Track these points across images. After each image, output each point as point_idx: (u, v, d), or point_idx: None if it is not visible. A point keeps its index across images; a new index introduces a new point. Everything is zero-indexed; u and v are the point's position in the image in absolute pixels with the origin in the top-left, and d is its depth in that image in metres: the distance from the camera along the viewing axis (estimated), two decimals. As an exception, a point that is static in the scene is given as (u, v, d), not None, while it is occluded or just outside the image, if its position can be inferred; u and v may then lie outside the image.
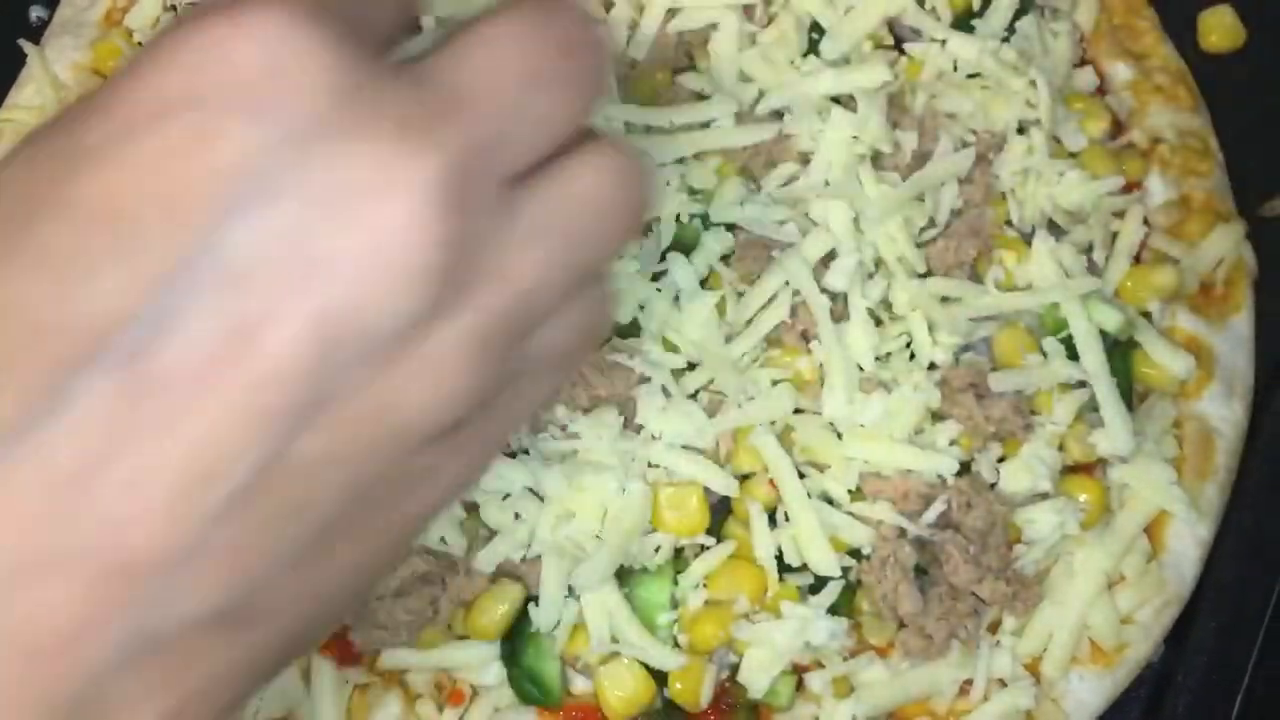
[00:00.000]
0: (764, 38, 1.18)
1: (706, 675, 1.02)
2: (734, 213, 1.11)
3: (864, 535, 1.04)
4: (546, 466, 1.01)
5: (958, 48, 1.19)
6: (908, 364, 1.09)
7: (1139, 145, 1.27)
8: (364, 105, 0.47)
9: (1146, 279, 1.17)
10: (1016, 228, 1.17)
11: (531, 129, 0.52)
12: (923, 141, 1.14)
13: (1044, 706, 1.08)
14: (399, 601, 0.99)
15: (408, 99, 0.48)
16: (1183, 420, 1.17)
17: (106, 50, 1.17)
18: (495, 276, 0.50)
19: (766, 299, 1.07)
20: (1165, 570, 1.13)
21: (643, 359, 1.05)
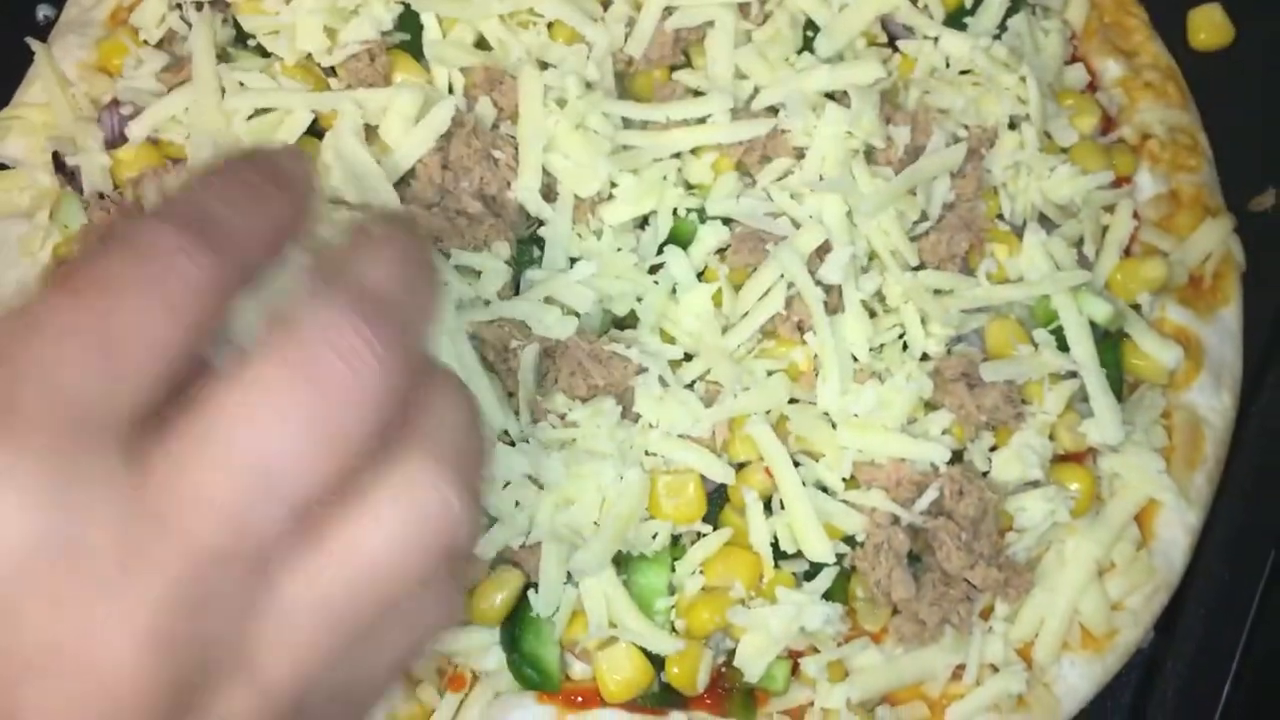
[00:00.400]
0: (759, 35, 1.20)
1: (703, 660, 1.04)
2: (730, 206, 1.13)
3: (858, 522, 1.06)
4: (546, 455, 1.02)
5: (950, 45, 1.21)
6: (901, 355, 1.11)
7: (1129, 141, 1.29)
8: (64, 558, 0.44)
9: (1136, 272, 1.19)
10: (1008, 221, 1.19)
11: (287, 490, 0.47)
12: (915, 137, 1.16)
13: (1035, 691, 1.10)
14: (401, 587, 1.00)
15: (117, 533, 0.45)
16: (1172, 410, 1.19)
17: (112, 48, 1.19)
18: (243, 678, 0.47)
19: (762, 291, 1.09)
20: (1155, 558, 1.14)
21: (640, 349, 1.06)
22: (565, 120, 1.12)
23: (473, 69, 1.16)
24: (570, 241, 1.11)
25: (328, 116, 1.11)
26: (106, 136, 1.14)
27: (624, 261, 1.11)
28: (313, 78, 1.15)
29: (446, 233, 1.06)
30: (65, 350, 0.47)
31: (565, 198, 1.11)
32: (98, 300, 0.48)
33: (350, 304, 0.49)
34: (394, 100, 1.10)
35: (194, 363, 0.50)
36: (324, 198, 0.59)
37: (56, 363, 0.47)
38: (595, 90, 1.14)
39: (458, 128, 1.11)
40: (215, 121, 1.10)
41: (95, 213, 1.10)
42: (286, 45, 1.14)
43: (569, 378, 1.04)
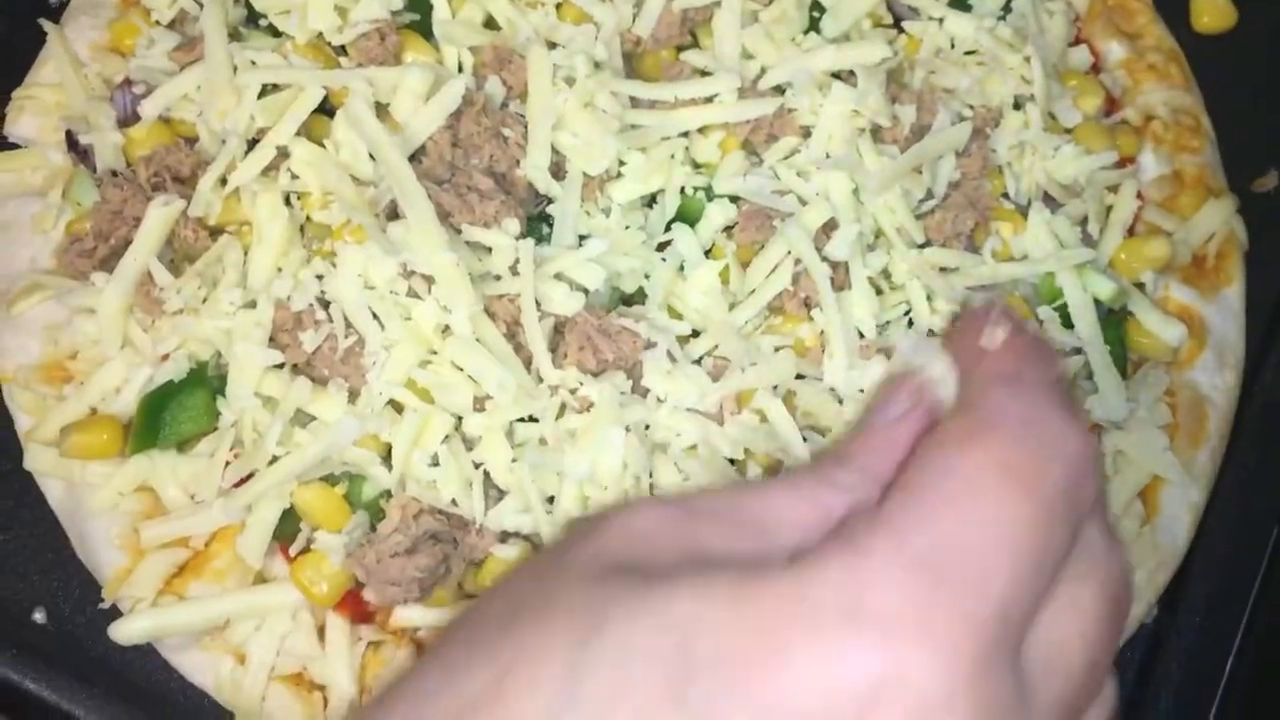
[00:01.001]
0: (766, 15, 1.21)
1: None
2: (737, 185, 1.14)
3: (864, 497, 1.06)
4: (555, 427, 1.03)
5: (955, 25, 1.22)
6: (906, 331, 1.12)
7: (1132, 122, 1.30)
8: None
9: (1140, 250, 1.20)
10: (1013, 200, 1.19)
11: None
12: (921, 116, 1.17)
13: (1040, 665, 1.10)
14: (411, 559, 1.01)
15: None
16: (1175, 389, 1.20)
17: (124, 29, 1.20)
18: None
19: (770, 268, 1.10)
20: (1158, 534, 1.15)
21: (649, 325, 1.07)
22: (574, 99, 1.13)
23: (482, 48, 1.17)
24: (579, 219, 1.12)
25: (338, 95, 1.12)
26: (119, 115, 1.15)
27: (632, 239, 1.12)
28: (323, 57, 1.16)
29: (457, 209, 1.07)
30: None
31: (574, 176, 1.11)
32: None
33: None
34: (404, 78, 1.11)
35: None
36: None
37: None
38: (603, 69, 1.15)
39: (467, 106, 1.12)
40: (227, 99, 1.10)
41: (109, 190, 1.11)
42: (298, 24, 1.15)
43: (578, 352, 1.05)
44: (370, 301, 1.05)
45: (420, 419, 1.03)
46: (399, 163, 1.06)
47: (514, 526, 1.04)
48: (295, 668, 1.06)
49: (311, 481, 1.04)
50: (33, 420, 1.10)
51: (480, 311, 1.04)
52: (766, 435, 1.06)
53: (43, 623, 1.10)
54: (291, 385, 1.04)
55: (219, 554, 1.07)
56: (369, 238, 1.05)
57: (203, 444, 1.07)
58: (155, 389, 1.07)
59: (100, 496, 1.06)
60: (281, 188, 1.10)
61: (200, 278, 1.08)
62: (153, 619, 1.03)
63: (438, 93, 1.11)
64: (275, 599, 1.05)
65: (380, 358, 1.04)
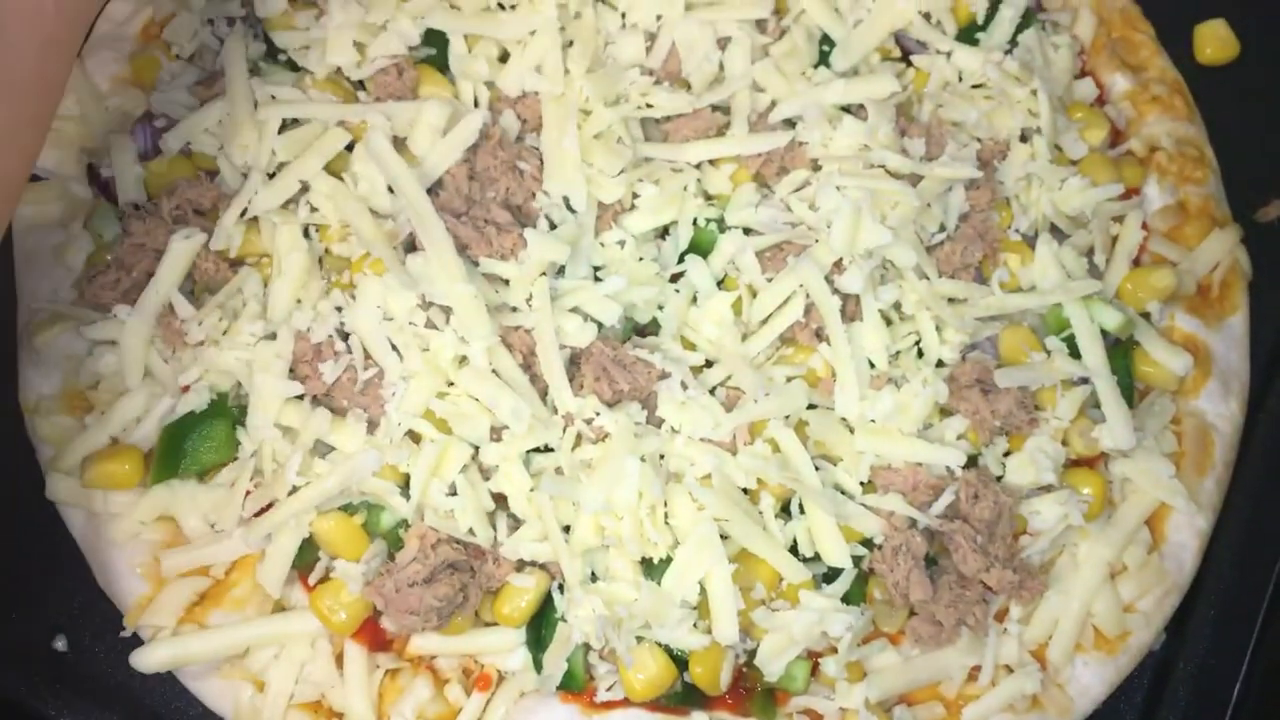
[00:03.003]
0: (776, 50, 1.23)
1: (726, 660, 1.06)
2: (748, 216, 1.16)
3: (875, 525, 1.08)
4: (571, 457, 1.05)
5: (963, 59, 1.24)
6: (916, 361, 1.13)
7: (1137, 153, 1.32)
8: None
9: (1146, 281, 1.22)
10: (1020, 232, 1.21)
11: None
12: (930, 149, 1.19)
13: (1050, 692, 1.12)
14: (429, 588, 1.02)
15: None
16: (1181, 417, 1.21)
17: (145, 63, 1.22)
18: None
19: (781, 300, 1.12)
20: (1165, 561, 1.17)
21: (663, 355, 1.09)
22: (588, 130, 1.14)
23: (496, 83, 1.19)
24: (592, 250, 1.13)
25: (356, 129, 1.14)
26: (140, 149, 1.17)
27: (646, 270, 1.13)
28: (342, 91, 1.18)
29: (475, 241, 1.08)
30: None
31: (589, 207, 1.13)
32: None
33: None
34: (422, 113, 1.13)
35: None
36: None
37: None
38: (617, 102, 1.17)
39: (484, 139, 1.14)
40: (249, 134, 1.12)
41: (131, 223, 1.12)
42: (317, 60, 1.17)
43: (595, 382, 1.07)
44: (389, 333, 1.06)
45: (438, 449, 1.04)
46: (418, 196, 1.08)
47: (531, 555, 1.06)
48: (314, 695, 1.07)
49: (330, 511, 1.06)
50: (54, 450, 1.11)
51: (497, 342, 1.06)
52: (779, 465, 1.07)
53: (63, 650, 1.11)
54: (311, 416, 1.06)
55: (239, 583, 1.08)
56: (388, 270, 1.07)
57: (223, 474, 1.09)
58: (176, 419, 1.08)
59: (122, 526, 1.08)
60: (301, 220, 1.11)
61: (221, 310, 1.09)
62: (174, 647, 1.04)
63: (455, 127, 1.13)
64: (294, 627, 1.06)
65: (399, 388, 1.06)
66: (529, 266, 1.08)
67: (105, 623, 1.10)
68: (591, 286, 1.10)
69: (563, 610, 1.05)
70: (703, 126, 1.18)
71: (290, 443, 1.06)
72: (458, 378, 1.06)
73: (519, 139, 1.17)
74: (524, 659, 1.07)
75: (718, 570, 1.03)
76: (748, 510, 1.06)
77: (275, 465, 1.06)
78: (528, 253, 1.08)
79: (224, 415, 1.08)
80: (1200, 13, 1.40)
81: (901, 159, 1.15)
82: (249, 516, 1.07)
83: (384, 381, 1.07)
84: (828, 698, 1.08)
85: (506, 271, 1.09)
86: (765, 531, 1.06)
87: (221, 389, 1.09)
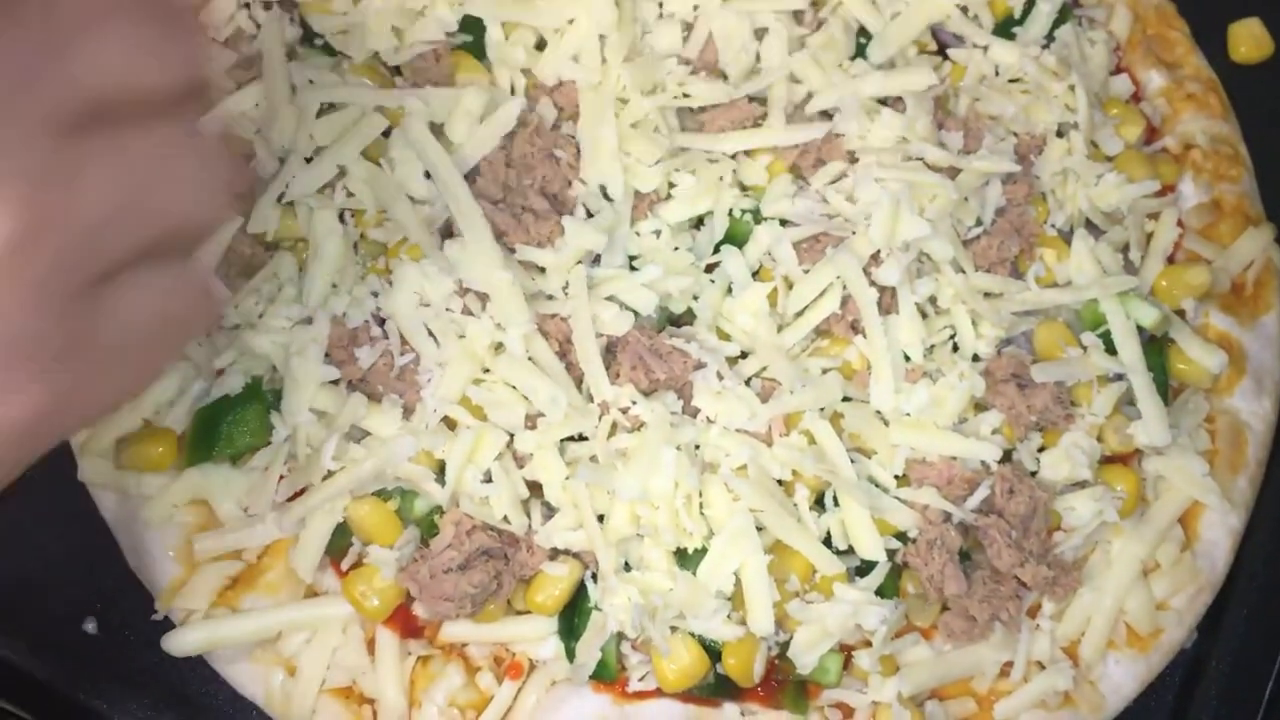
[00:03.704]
0: (813, 41, 1.22)
1: (759, 651, 1.05)
2: (785, 207, 1.16)
3: (909, 519, 1.08)
4: (606, 446, 1.04)
5: (1000, 53, 1.24)
6: (951, 355, 1.13)
7: (1172, 150, 1.31)
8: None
9: (1181, 278, 1.21)
10: (1056, 227, 1.21)
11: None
12: (967, 143, 1.19)
13: (1081, 688, 1.11)
14: (464, 575, 1.02)
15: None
16: (1214, 415, 1.21)
17: (179, 45, 1.21)
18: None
19: (818, 291, 1.11)
20: (1198, 559, 1.16)
21: (699, 345, 1.09)
22: (625, 119, 1.14)
23: (533, 71, 1.18)
24: (628, 239, 1.13)
25: (394, 114, 1.14)
26: (175, 131, 1.16)
27: (681, 260, 1.13)
28: (379, 77, 1.17)
29: (512, 229, 1.08)
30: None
31: (626, 196, 1.13)
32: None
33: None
34: (460, 99, 1.12)
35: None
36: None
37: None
38: (654, 91, 1.17)
39: (521, 127, 1.13)
40: (287, 118, 1.12)
41: (167, 205, 1.12)
42: (355, 44, 1.17)
43: (630, 371, 1.06)
44: (426, 318, 1.06)
45: (474, 436, 1.04)
46: (456, 182, 1.07)
47: (564, 544, 1.05)
48: (345, 681, 1.07)
49: (364, 496, 1.05)
50: (87, 431, 1.11)
51: (534, 330, 1.05)
52: (814, 457, 1.07)
53: (94, 633, 1.11)
54: (347, 401, 1.05)
55: (271, 567, 1.07)
56: (425, 256, 1.06)
57: (257, 458, 1.08)
58: (211, 403, 1.08)
59: (155, 508, 1.07)
60: (338, 205, 1.11)
61: (257, 293, 1.09)
62: (207, 631, 1.04)
63: (493, 114, 1.12)
64: (327, 612, 1.06)
65: (435, 374, 1.06)
66: (566, 254, 1.08)
67: (135, 606, 1.09)
68: (628, 275, 1.09)
69: (596, 599, 1.05)
70: (739, 117, 1.18)
71: (324, 427, 1.06)
72: (494, 364, 1.05)
73: (555, 127, 1.17)
74: (556, 648, 1.07)
75: (753, 561, 1.03)
76: (782, 502, 1.06)
77: (309, 450, 1.06)
78: (565, 240, 1.08)
79: (258, 399, 1.08)
80: (1234, 11, 1.40)
81: (940, 152, 1.15)
82: (282, 501, 1.07)
83: (420, 367, 1.07)
84: (860, 691, 1.07)
85: (543, 259, 1.08)
86: (800, 523, 1.06)
87: (256, 373, 1.09)
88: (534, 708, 1.07)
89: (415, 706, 1.06)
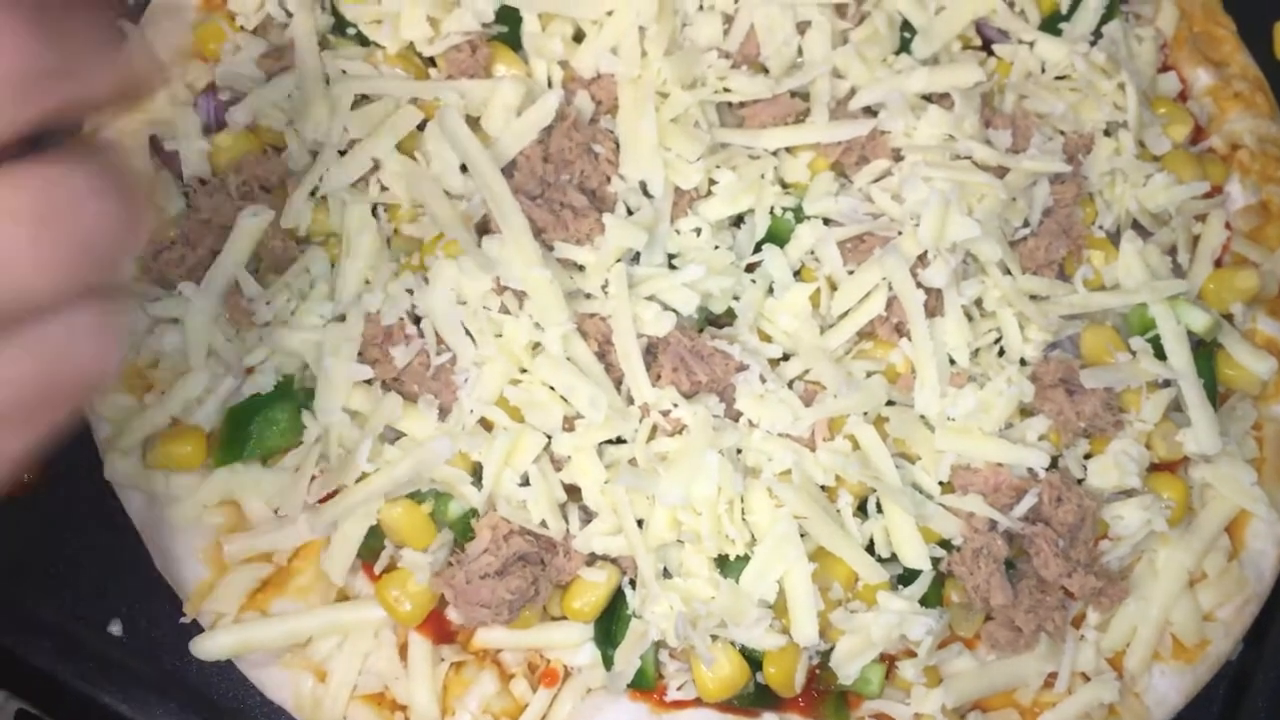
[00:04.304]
0: (856, 35, 1.19)
1: (800, 661, 1.03)
2: (827, 205, 1.13)
3: (954, 527, 1.05)
4: (646, 449, 1.02)
5: (1046, 49, 1.21)
6: (997, 359, 1.11)
7: (1219, 150, 1.29)
8: None
9: (1230, 282, 1.19)
10: (1104, 229, 1.18)
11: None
12: (1015, 141, 1.16)
13: (1126, 700, 1.09)
14: (502, 581, 1.00)
15: None
16: (1262, 422, 1.19)
17: (208, 33, 1.18)
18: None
19: (863, 293, 1.09)
20: (1245, 569, 1.14)
21: (741, 347, 1.06)
22: (665, 114, 1.11)
23: (571, 63, 1.16)
24: (668, 237, 1.10)
25: (429, 106, 1.11)
26: (204, 121, 1.13)
27: (722, 259, 1.10)
28: (414, 67, 1.15)
29: (551, 225, 1.05)
30: None
31: (666, 193, 1.10)
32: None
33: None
34: (497, 92, 1.10)
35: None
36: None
37: None
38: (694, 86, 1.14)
39: (559, 121, 1.10)
40: (320, 109, 1.09)
41: (198, 198, 1.09)
42: (389, 34, 1.14)
43: (672, 373, 1.04)
44: (463, 317, 1.03)
45: (512, 438, 1.01)
46: (494, 176, 1.05)
47: (603, 549, 1.03)
48: (376, 687, 1.05)
49: (398, 499, 1.03)
50: (112, 428, 1.08)
51: (573, 329, 1.03)
52: (859, 462, 1.04)
53: (119, 635, 1.08)
54: (381, 401, 1.03)
55: (302, 570, 1.05)
56: (463, 252, 1.04)
57: (288, 458, 1.06)
58: (242, 401, 1.05)
59: (183, 509, 1.05)
60: (371, 199, 1.08)
61: (289, 290, 1.06)
62: (236, 635, 1.02)
63: (530, 107, 1.10)
64: (359, 617, 1.04)
65: (472, 374, 1.03)
66: (606, 252, 1.05)
67: (162, 608, 1.07)
68: (669, 274, 1.07)
69: (635, 606, 1.03)
70: (781, 113, 1.15)
71: (358, 428, 1.03)
72: (532, 365, 1.03)
73: (593, 121, 1.14)
74: (592, 655, 1.05)
75: (798, 569, 1.00)
76: (826, 508, 1.03)
77: (342, 450, 1.03)
78: (604, 238, 1.05)
79: (290, 398, 1.05)
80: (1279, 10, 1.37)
81: (989, 150, 1.12)
82: (314, 502, 1.04)
83: (456, 367, 1.04)
84: (903, 702, 1.05)
85: (582, 257, 1.06)
86: (843, 530, 1.03)
87: (288, 371, 1.06)
88: (569, 716, 1.05)
89: (448, 714, 1.04)
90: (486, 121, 1.10)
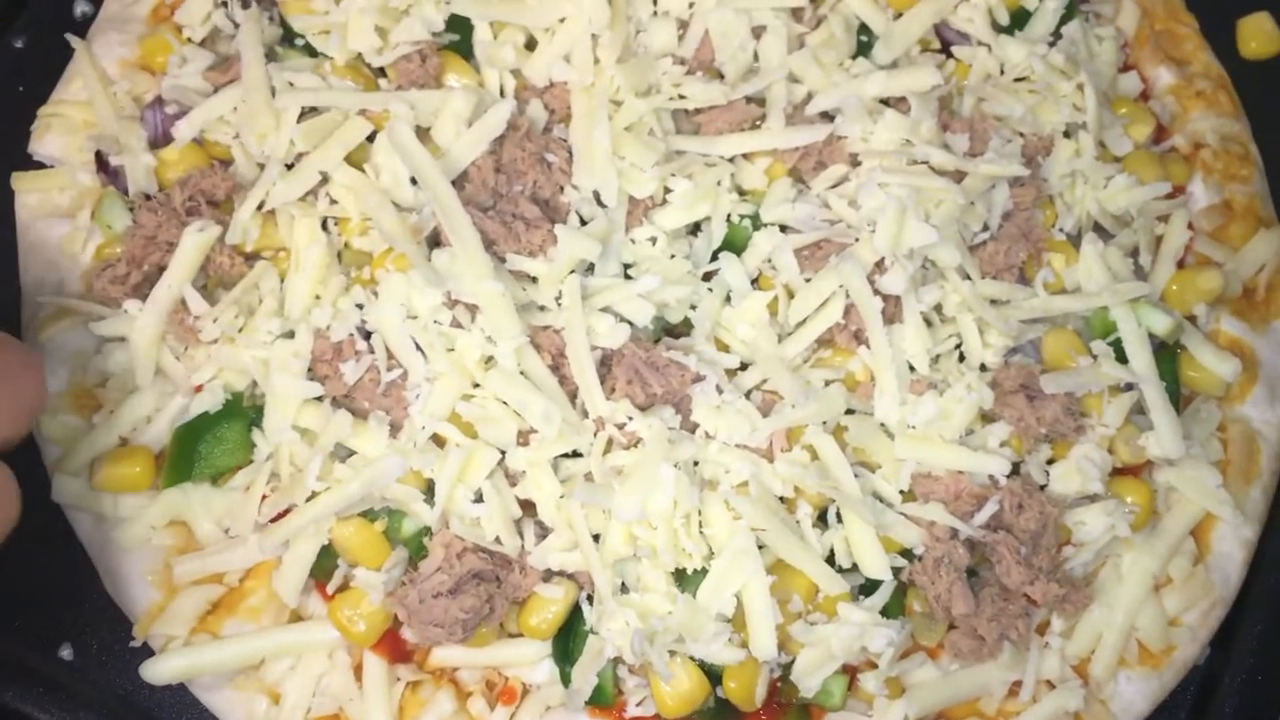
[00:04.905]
0: (813, 39, 1.18)
1: (761, 675, 1.02)
2: (785, 213, 1.12)
3: (916, 536, 1.04)
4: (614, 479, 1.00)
5: (1005, 51, 1.20)
6: (958, 365, 1.09)
7: (1181, 150, 1.28)
8: None
9: (1193, 282, 1.18)
10: (1065, 231, 1.17)
11: None
12: (973, 145, 1.15)
13: (1092, 708, 1.08)
14: (455, 600, 0.98)
15: None
16: (1227, 424, 1.18)
17: (155, 46, 1.17)
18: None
19: (820, 301, 1.07)
20: (1211, 573, 1.13)
21: (698, 358, 1.05)
22: (619, 122, 1.10)
23: (523, 71, 1.14)
24: (622, 247, 1.09)
25: (378, 118, 1.09)
26: (150, 136, 1.12)
27: (678, 268, 1.09)
28: (363, 78, 1.13)
29: (503, 237, 1.04)
30: None
31: (620, 202, 1.09)
32: None
33: None
34: (448, 102, 1.08)
35: None
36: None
37: None
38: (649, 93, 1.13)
39: (511, 130, 1.09)
40: (266, 122, 1.07)
41: (143, 214, 1.07)
42: (337, 44, 1.12)
43: (626, 385, 1.02)
44: (413, 331, 1.02)
45: (464, 454, 1.00)
46: (444, 189, 1.03)
47: (559, 565, 1.01)
48: (331, 709, 1.03)
49: (350, 517, 1.01)
50: (60, 450, 1.06)
51: (526, 343, 1.01)
52: (818, 472, 1.03)
53: (69, 659, 1.07)
54: (331, 418, 1.01)
55: (254, 591, 1.03)
56: (412, 266, 1.02)
57: (238, 477, 1.04)
58: (190, 420, 1.04)
59: (132, 531, 1.03)
60: (320, 213, 1.07)
61: (237, 306, 1.05)
62: (187, 658, 1.00)
63: (481, 117, 1.08)
64: (312, 638, 1.02)
65: (423, 390, 1.02)
66: (559, 264, 1.04)
67: (113, 631, 1.06)
68: (623, 285, 1.05)
69: (592, 623, 1.01)
70: (737, 119, 1.14)
71: (308, 445, 1.02)
72: (484, 379, 1.01)
73: (546, 130, 1.13)
74: (550, 671, 1.03)
75: (756, 583, 0.99)
76: (785, 520, 1.02)
77: (293, 469, 1.02)
78: (557, 249, 1.04)
79: (239, 416, 1.04)
80: (1243, 6, 1.36)
81: (946, 155, 1.11)
82: (265, 522, 1.02)
83: (407, 383, 1.02)
84: (866, 715, 1.04)
85: (535, 269, 1.04)
86: (802, 542, 1.02)
87: (236, 389, 1.05)
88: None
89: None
90: (437, 132, 1.09)
